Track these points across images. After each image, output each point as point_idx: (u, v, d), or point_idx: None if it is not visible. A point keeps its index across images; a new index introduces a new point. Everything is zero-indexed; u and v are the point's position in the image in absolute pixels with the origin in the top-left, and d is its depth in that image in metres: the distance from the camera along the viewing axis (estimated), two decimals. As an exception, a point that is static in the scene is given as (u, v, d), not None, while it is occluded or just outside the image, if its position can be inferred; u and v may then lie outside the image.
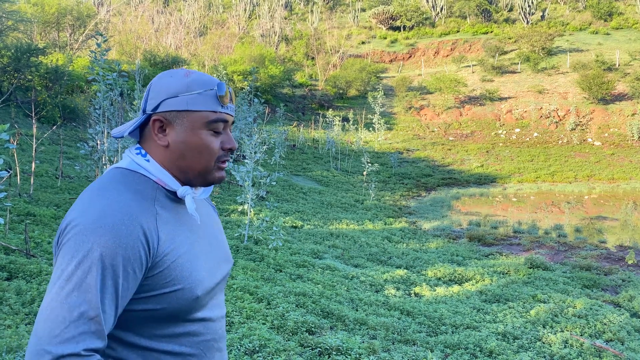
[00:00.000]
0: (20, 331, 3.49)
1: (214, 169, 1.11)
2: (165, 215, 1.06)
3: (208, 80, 1.09)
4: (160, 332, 1.04)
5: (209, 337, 1.11)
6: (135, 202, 1.02)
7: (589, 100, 28.02)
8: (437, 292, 6.38)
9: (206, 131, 1.08)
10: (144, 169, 1.08)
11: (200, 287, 1.06)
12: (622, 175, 21.33)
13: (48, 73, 16.99)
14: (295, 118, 29.52)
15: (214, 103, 1.08)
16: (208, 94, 1.08)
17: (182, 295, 1.03)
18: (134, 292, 0.99)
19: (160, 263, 1.01)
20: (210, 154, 1.09)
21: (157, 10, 41.70)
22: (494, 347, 4.39)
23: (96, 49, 7.32)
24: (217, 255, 1.16)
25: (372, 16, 47.16)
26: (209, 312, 1.11)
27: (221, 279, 1.16)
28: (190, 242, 1.08)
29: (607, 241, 10.92)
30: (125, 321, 1.02)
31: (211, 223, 1.21)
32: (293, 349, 3.90)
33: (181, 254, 1.05)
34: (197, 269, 1.07)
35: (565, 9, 47.09)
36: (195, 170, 1.09)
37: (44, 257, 5.35)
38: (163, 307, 1.03)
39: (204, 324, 1.10)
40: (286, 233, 8.81)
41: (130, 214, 0.99)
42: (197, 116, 1.07)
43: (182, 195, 1.08)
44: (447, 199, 17.10)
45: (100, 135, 7.83)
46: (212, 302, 1.13)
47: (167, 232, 1.04)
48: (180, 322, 1.06)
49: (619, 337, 4.97)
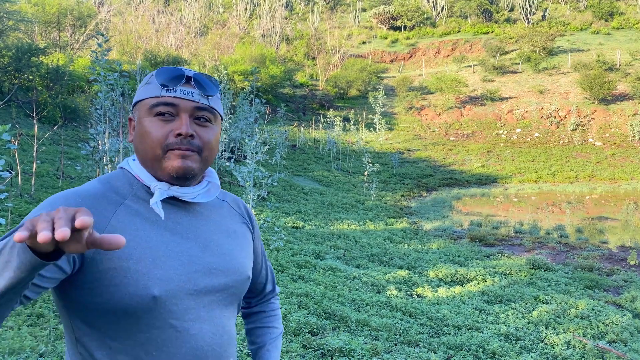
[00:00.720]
0: (23, 333, 3.48)
1: (164, 158, 1.03)
2: (135, 208, 1.03)
3: (163, 69, 1.07)
4: (123, 333, 0.99)
5: (184, 351, 1.02)
6: (100, 191, 1.02)
7: (590, 100, 28.01)
8: (439, 292, 6.36)
9: (149, 118, 1.05)
10: (129, 167, 1.09)
11: (159, 286, 0.98)
12: (623, 175, 21.32)
13: (49, 73, 17.00)
14: (296, 118, 29.52)
15: (157, 89, 1.05)
16: (152, 80, 1.07)
17: (135, 291, 0.96)
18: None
19: (100, 251, 0.97)
20: (153, 140, 1.03)
21: (157, 10, 41.71)
22: (496, 349, 4.38)
23: (97, 49, 7.31)
24: (211, 261, 1.08)
25: (372, 16, 47.15)
26: (183, 323, 1.02)
27: (211, 289, 1.06)
28: (163, 240, 1.03)
29: (608, 242, 10.90)
30: (86, 317, 0.98)
31: (216, 230, 1.13)
32: (296, 350, 3.89)
33: (140, 246, 0.99)
34: (162, 267, 1.00)
35: (566, 9, 47.07)
36: (147, 160, 1.05)
37: (46, 257, 5.34)
38: (115, 301, 0.96)
39: (176, 335, 1.01)
40: (287, 233, 8.80)
41: (86, 195, 1.00)
42: (142, 105, 1.07)
43: (153, 190, 1.05)
44: (448, 199, 17.09)
45: (102, 135, 7.82)
46: (192, 312, 1.03)
47: (126, 222, 1.01)
48: (141, 324, 0.99)
49: (622, 338, 4.95)
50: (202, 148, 1.06)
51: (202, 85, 1.07)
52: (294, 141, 23.65)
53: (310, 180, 17.12)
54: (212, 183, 1.13)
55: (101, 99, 7.62)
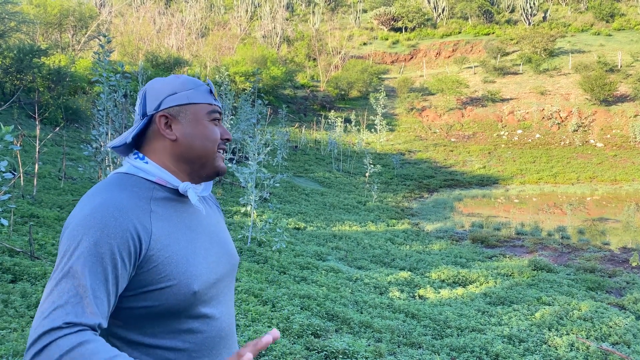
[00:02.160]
0: (26, 334, 3.48)
1: (216, 157, 1.19)
2: (162, 213, 1.10)
3: (198, 80, 1.23)
4: (162, 329, 1.07)
5: (213, 333, 1.13)
6: (128, 200, 1.07)
7: (591, 101, 28.00)
8: (442, 294, 6.36)
9: (208, 121, 1.19)
10: (142, 171, 1.13)
11: (197, 282, 1.09)
12: (624, 176, 21.30)
13: (50, 74, 17.01)
14: (297, 119, 29.52)
15: (209, 96, 1.21)
16: (201, 89, 1.20)
17: (179, 290, 1.06)
18: (125, 281, 1.02)
19: (154, 258, 1.05)
20: (215, 140, 1.19)
21: (158, 11, 41.73)
22: (500, 351, 4.38)
23: (100, 50, 7.32)
24: (218, 251, 1.19)
25: (373, 17, 47.17)
26: (211, 309, 1.13)
27: (223, 275, 1.19)
28: (188, 238, 1.12)
29: (610, 243, 10.89)
30: (127, 320, 1.06)
31: (212, 221, 1.24)
32: (299, 352, 3.89)
33: (177, 249, 1.08)
34: (195, 264, 1.10)
35: (567, 10, 47.07)
36: (202, 159, 1.17)
37: (48, 259, 5.34)
38: (161, 302, 1.05)
39: (207, 321, 1.12)
40: (289, 235, 8.80)
41: (121, 209, 1.04)
42: (199, 107, 1.18)
43: (183, 190, 1.13)
44: (450, 201, 17.08)
45: (104, 136, 7.82)
46: (215, 298, 1.15)
47: (161, 228, 1.08)
48: (181, 318, 1.08)
49: (625, 340, 4.95)
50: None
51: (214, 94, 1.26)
52: (295, 142, 23.65)
53: (311, 182, 17.11)
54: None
55: (103, 100, 7.62)
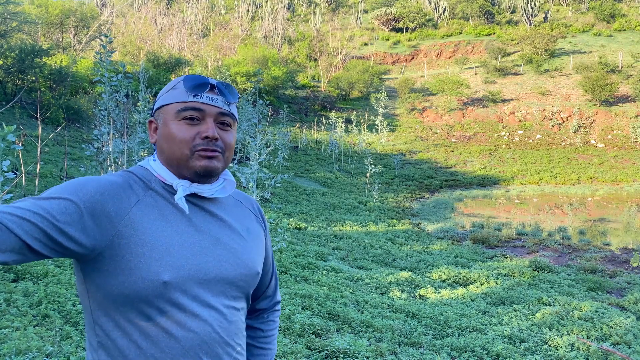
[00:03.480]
0: (29, 333, 3.49)
1: (191, 158, 1.12)
2: (154, 202, 1.12)
3: (187, 77, 1.16)
4: (139, 317, 1.06)
5: (195, 338, 1.08)
6: (126, 182, 1.11)
7: (592, 102, 28.00)
8: (442, 294, 6.37)
9: (177, 121, 1.13)
10: (149, 167, 1.17)
11: (170, 272, 1.06)
12: (625, 177, 21.30)
13: (52, 74, 17.04)
14: (298, 119, 29.54)
15: (184, 95, 1.14)
16: (179, 87, 1.15)
17: (148, 275, 1.04)
18: (65, 222, 1.00)
19: (125, 234, 1.05)
20: (181, 142, 1.12)
21: (159, 11, 41.79)
22: (500, 350, 4.39)
23: (101, 50, 7.34)
24: (220, 255, 1.15)
25: (374, 18, 47.20)
26: (195, 309, 1.08)
27: (217, 279, 1.12)
28: (177, 231, 1.11)
29: (611, 243, 10.90)
30: (106, 303, 1.07)
31: (231, 226, 1.20)
32: (300, 351, 3.90)
33: (157, 235, 1.08)
34: (174, 255, 1.07)
35: (568, 11, 47.07)
36: (174, 160, 1.14)
37: (51, 258, 5.36)
38: (132, 282, 1.04)
39: (189, 320, 1.07)
40: (290, 235, 8.82)
41: (114, 183, 1.09)
42: (168, 109, 1.15)
43: (175, 187, 1.14)
44: (450, 201, 17.09)
45: (106, 136, 7.84)
46: (201, 299, 1.10)
47: (144, 211, 1.09)
48: (155, 308, 1.06)
49: (626, 340, 4.95)
50: (224, 149, 1.16)
51: (225, 93, 1.17)
52: (296, 142, 23.67)
53: (312, 182, 17.13)
54: (228, 180, 1.23)
55: (105, 100, 7.64)
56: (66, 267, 5.14)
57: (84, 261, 1.07)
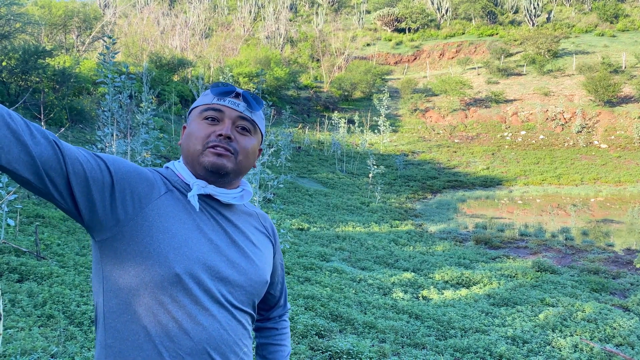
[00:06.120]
0: (34, 333, 3.51)
1: (202, 154, 1.17)
2: (177, 197, 1.16)
3: (217, 83, 1.24)
4: (150, 299, 1.08)
5: (203, 332, 1.10)
6: (155, 176, 1.17)
7: (595, 102, 27.94)
8: (445, 295, 6.37)
9: (199, 120, 1.20)
10: (173, 167, 1.23)
11: (184, 263, 1.09)
12: (628, 178, 21.25)
13: (55, 75, 17.08)
14: (301, 120, 29.56)
15: (209, 98, 1.22)
16: (208, 92, 1.24)
17: (165, 261, 1.08)
18: (94, 181, 1.05)
19: (150, 217, 1.10)
20: (197, 138, 1.18)
21: (162, 12, 41.87)
22: (503, 352, 4.39)
23: (105, 51, 7.36)
24: (233, 257, 1.18)
25: (377, 18, 47.19)
26: (205, 304, 1.10)
27: (228, 280, 1.15)
28: (196, 226, 1.15)
29: (614, 244, 10.87)
30: (118, 289, 1.10)
31: (244, 234, 1.24)
32: (303, 352, 3.91)
33: (178, 226, 1.12)
34: (191, 247, 1.11)
35: (571, 11, 46.98)
36: (190, 156, 1.19)
37: (54, 259, 5.38)
38: (149, 264, 1.07)
39: (199, 314, 1.09)
40: (293, 235, 8.83)
41: (148, 173, 1.15)
42: (195, 111, 1.24)
43: (191, 185, 1.18)
44: (453, 202, 17.07)
45: (109, 137, 7.86)
46: (211, 295, 1.11)
47: (167, 203, 1.14)
48: (167, 297, 1.08)
49: (629, 341, 4.95)
50: (238, 151, 1.19)
51: (248, 99, 1.23)
52: (298, 143, 23.68)
53: (315, 182, 17.14)
54: (246, 191, 1.27)
55: (109, 101, 7.66)
56: (70, 268, 5.16)
57: (102, 239, 1.10)
